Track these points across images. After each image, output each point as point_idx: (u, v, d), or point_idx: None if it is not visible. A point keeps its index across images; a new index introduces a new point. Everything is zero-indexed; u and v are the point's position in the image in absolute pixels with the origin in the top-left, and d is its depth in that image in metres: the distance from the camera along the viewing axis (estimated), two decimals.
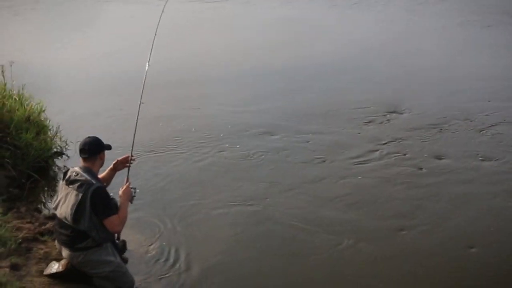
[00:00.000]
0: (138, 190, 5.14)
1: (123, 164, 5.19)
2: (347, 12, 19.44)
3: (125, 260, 5.26)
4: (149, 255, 5.70)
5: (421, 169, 7.58)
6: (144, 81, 5.79)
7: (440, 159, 7.84)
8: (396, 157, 7.96)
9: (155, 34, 6.39)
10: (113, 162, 5.18)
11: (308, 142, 8.58)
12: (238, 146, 8.44)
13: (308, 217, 6.41)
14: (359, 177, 7.36)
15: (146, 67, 5.93)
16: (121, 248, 5.46)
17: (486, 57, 13.48)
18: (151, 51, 6.09)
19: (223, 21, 18.53)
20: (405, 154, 8.01)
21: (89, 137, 4.87)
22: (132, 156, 5.24)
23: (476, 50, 14.18)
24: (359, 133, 8.90)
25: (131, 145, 5.39)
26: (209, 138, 8.74)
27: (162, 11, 6.86)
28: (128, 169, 5.19)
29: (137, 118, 5.51)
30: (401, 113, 9.68)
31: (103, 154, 4.87)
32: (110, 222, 4.58)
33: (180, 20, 17.13)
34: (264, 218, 6.45)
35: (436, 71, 12.28)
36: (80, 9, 22.22)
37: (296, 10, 19.67)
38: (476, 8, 18.72)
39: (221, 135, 8.86)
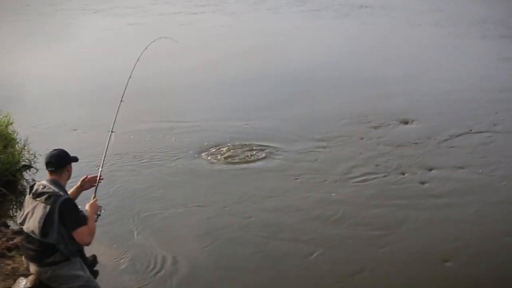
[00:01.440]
0: (104, 210, 5.02)
1: (90, 182, 5.08)
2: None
3: (96, 274, 5.17)
4: (120, 268, 5.63)
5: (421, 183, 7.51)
6: (118, 111, 5.71)
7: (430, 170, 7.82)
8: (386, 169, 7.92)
9: (130, 77, 6.25)
10: (81, 179, 5.06)
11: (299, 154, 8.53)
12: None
13: (283, 226, 6.43)
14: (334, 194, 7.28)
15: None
16: (92, 262, 5.39)
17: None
18: (125, 87, 5.97)
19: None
20: (397, 168, 7.91)
21: (55, 149, 4.78)
22: (100, 176, 5.14)
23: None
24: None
25: (101, 165, 5.30)
26: (182, 149, 8.71)
27: (146, 48, 6.76)
28: (96, 188, 5.06)
29: (106, 148, 5.42)
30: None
31: (70, 166, 4.79)
32: (80, 233, 4.49)
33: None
34: (235, 226, 6.44)
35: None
36: (55, 22, 22.19)
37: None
38: None
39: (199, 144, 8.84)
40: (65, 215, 4.44)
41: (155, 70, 12.82)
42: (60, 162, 4.68)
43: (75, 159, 4.88)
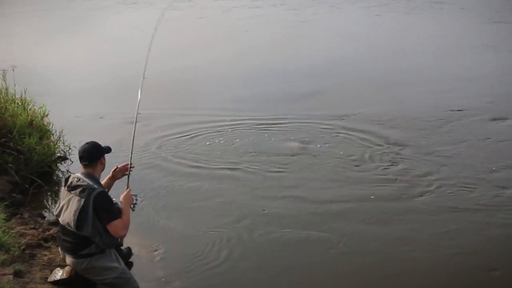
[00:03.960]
0: (140, 198, 5.03)
1: (122, 172, 5.07)
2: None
3: (130, 266, 5.19)
4: (155, 260, 5.65)
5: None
6: (140, 94, 5.60)
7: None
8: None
9: (149, 50, 6.09)
10: (112, 170, 5.05)
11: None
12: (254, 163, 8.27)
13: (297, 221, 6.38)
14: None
15: (141, 80, 5.72)
16: (127, 254, 5.41)
17: None
18: (145, 66, 5.87)
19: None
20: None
21: (87, 143, 4.78)
22: (131, 164, 5.12)
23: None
24: None
25: (130, 153, 5.24)
26: (215, 146, 8.65)
27: (155, 28, 6.45)
28: (128, 177, 5.05)
29: (134, 129, 5.39)
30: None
31: (104, 158, 4.78)
32: (114, 226, 4.50)
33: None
34: (269, 224, 6.37)
35: None
36: (77, 14, 22.38)
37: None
38: None
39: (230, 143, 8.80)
40: (99, 209, 4.45)
41: None
42: (92, 155, 4.67)
43: (108, 150, 4.86)
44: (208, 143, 8.69)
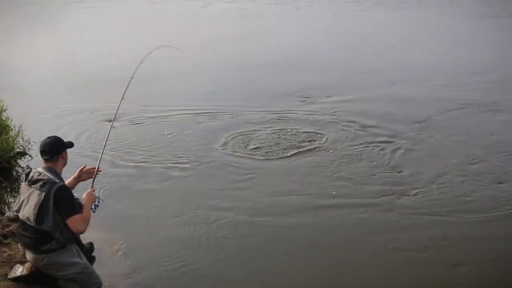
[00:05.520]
0: (102, 201, 4.96)
1: (88, 174, 5.00)
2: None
3: (92, 261, 5.16)
4: (117, 255, 5.63)
5: None
6: (115, 115, 5.65)
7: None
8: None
9: (132, 77, 5.92)
10: (78, 169, 4.99)
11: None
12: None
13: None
14: None
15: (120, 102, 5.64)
16: (89, 249, 5.37)
17: None
18: (126, 88, 5.73)
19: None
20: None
21: (48, 137, 4.72)
22: (98, 168, 5.05)
23: None
24: None
25: (99, 157, 5.20)
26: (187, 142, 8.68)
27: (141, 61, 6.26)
28: (93, 179, 4.98)
29: (106, 140, 5.38)
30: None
31: (65, 153, 4.73)
32: (74, 221, 4.46)
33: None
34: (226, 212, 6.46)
35: None
36: (42, 12, 21.98)
37: None
38: None
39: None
40: (60, 203, 4.41)
41: None
42: (54, 150, 4.62)
43: (70, 145, 4.81)
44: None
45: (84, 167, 5.03)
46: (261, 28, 17.72)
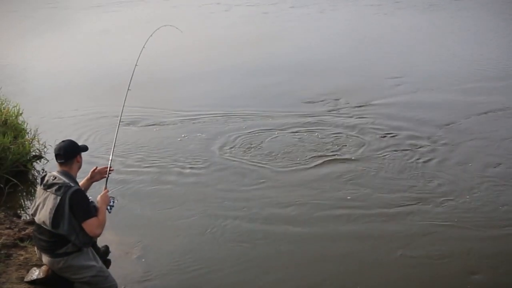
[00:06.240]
0: (117, 201, 4.98)
1: (100, 174, 5.03)
2: None
3: (108, 264, 5.18)
4: (132, 258, 5.64)
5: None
6: (124, 104, 5.63)
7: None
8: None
9: (136, 64, 6.01)
10: (91, 171, 5.01)
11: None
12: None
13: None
14: None
15: (127, 92, 5.68)
16: (104, 252, 5.39)
17: None
18: (131, 77, 5.80)
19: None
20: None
21: (63, 141, 4.74)
22: (110, 167, 5.08)
23: None
24: None
25: (110, 156, 5.18)
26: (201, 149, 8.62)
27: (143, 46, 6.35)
28: (107, 179, 5.02)
29: (116, 137, 5.39)
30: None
31: (80, 156, 4.75)
32: (89, 225, 4.48)
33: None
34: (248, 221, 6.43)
35: None
36: (57, 16, 22.15)
37: None
38: None
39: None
40: (75, 207, 4.42)
41: None
42: (68, 154, 4.64)
43: (85, 149, 4.84)
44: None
45: (96, 168, 5.05)
46: (284, 31, 17.60)
